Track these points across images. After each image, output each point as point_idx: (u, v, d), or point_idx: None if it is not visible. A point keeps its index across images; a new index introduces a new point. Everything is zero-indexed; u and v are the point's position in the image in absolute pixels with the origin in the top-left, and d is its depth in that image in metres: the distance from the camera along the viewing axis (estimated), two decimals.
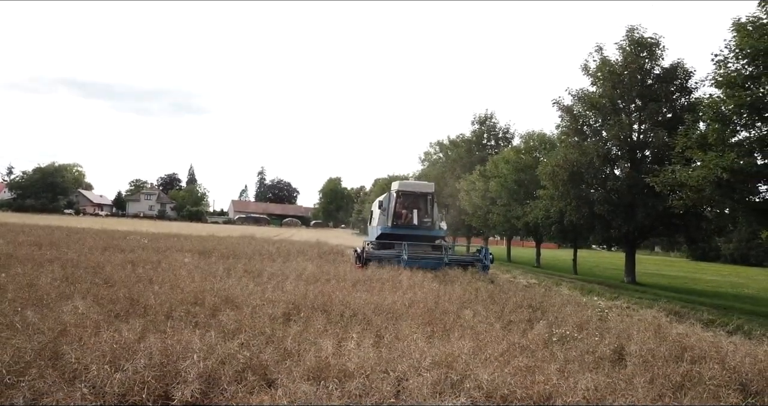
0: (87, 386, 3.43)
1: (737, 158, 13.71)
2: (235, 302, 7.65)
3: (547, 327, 7.07)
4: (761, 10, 14.66)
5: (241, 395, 3.59)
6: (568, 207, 22.92)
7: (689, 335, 6.88)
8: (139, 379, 3.55)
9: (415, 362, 4.50)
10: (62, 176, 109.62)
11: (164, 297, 7.52)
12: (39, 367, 3.77)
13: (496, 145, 42.89)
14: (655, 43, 22.64)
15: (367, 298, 8.57)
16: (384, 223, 18.19)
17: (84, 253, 14.15)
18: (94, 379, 3.56)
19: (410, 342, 5.35)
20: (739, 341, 6.85)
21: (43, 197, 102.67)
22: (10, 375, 3.65)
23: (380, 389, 3.75)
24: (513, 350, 5.42)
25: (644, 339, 6.26)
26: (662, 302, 15.06)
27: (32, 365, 3.83)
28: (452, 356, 4.82)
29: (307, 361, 4.30)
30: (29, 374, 3.60)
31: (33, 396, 3.46)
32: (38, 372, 3.60)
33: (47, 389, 3.41)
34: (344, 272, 12.77)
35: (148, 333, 4.90)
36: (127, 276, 9.95)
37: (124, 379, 3.54)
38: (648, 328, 7.45)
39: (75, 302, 6.54)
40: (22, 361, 3.93)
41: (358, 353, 4.66)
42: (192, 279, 9.60)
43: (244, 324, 6.02)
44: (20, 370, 3.74)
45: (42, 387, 3.43)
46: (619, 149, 22.23)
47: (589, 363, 5.23)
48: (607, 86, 22.27)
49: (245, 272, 11.56)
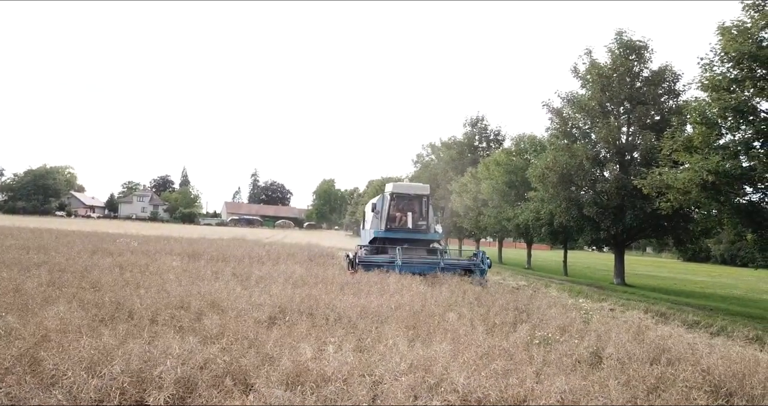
0: (63, 392, 3.45)
1: (722, 161, 13.85)
2: (220, 306, 7.67)
3: (529, 330, 7.14)
4: (745, 14, 14.83)
5: (216, 400, 3.62)
6: (558, 209, 23.07)
7: (667, 336, 6.96)
8: (115, 385, 3.57)
9: (393, 365, 4.55)
10: (54, 178, 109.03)
11: (150, 301, 7.54)
12: (17, 374, 3.79)
13: (487, 147, 43.06)
14: (644, 46, 22.86)
15: (353, 301, 8.61)
16: (377, 226, 17.63)
17: (72, 256, 14.11)
18: (70, 385, 3.58)
19: (391, 346, 5.40)
20: (718, 343, 6.93)
21: (34, 199, 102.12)
22: None
23: (356, 394, 3.79)
24: (493, 354, 5.48)
25: (623, 341, 6.35)
26: (649, 304, 15.22)
27: (11, 372, 3.85)
28: (431, 359, 4.88)
29: (284, 365, 4.35)
30: (6, 381, 3.62)
31: (10, 402, 3.48)
32: (16, 379, 3.62)
33: (24, 396, 3.43)
34: (333, 276, 12.80)
35: (130, 338, 4.93)
36: (114, 280, 9.95)
37: (100, 385, 3.56)
38: (629, 330, 7.54)
39: (59, 306, 6.55)
40: (1, 368, 3.95)
41: (338, 358, 4.71)
42: (179, 283, 9.61)
43: (228, 328, 6.05)
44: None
45: (18, 394, 3.45)
46: (608, 152, 22.39)
47: (567, 366, 5.30)
48: (596, 89, 22.44)
49: (233, 276, 11.58)
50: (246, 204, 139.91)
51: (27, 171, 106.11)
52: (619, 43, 22.72)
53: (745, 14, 14.81)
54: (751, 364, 5.56)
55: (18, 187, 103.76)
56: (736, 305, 18.20)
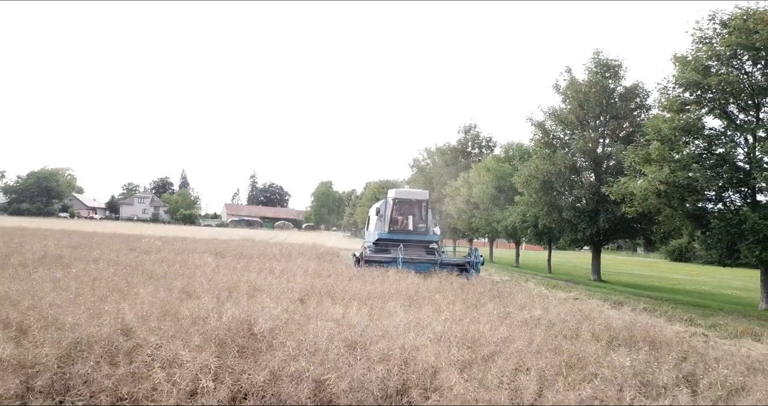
0: (199, 330, 5.75)
1: (671, 173, 16.28)
2: (261, 289, 10.02)
3: (496, 306, 9.51)
4: (694, 46, 17.29)
5: (292, 331, 5.98)
6: (541, 212, 25.49)
7: (599, 311, 9.37)
8: (235, 323, 5.90)
9: (394, 321, 6.90)
10: (56, 180, 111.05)
11: (207, 286, 9.87)
12: (159, 319, 6.10)
13: (479, 153, 45.52)
14: (618, 64, 25.33)
15: (362, 287, 10.97)
16: (381, 228, 19.36)
17: (117, 254, 16.43)
18: (204, 325, 5.91)
19: (392, 312, 7.76)
20: (630, 314, 9.33)
21: (38, 201, 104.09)
22: (143, 320, 5.93)
23: (373, 333, 6.11)
24: (464, 318, 7.84)
25: (561, 311, 8.72)
26: (610, 295, 17.65)
27: (161, 319, 6.17)
28: (420, 319, 7.24)
29: (327, 317, 6.69)
30: (162, 323, 5.92)
31: (159, 340, 5.73)
32: (157, 324, 5.88)
33: (173, 330, 5.69)
34: (341, 270, 15.17)
35: (224, 303, 7.34)
36: (165, 272, 12.24)
37: (225, 323, 5.86)
38: (571, 309, 9.95)
39: (146, 289, 8.86)
40: (152, 317, 6.25)
41: (357, 317, 7.05)
42: (221, 274, 11.96)
43: (276, 301, 8.41)
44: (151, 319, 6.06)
45: (169, 329, 5.71)
46: (585, 161, 24.85)
47: (514, 325, 7.65)
48: (574, 104, 24.89)
49: (260, 269, 13.92)
50: (245, 206, 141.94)
51: (30, 173, 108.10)
52: (596, 62, 25.18)
53: (693, 47, 17.30)
54: (628, 318, 7.95)
55: (22, 189, 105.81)
56: (694, 298, 20.60)
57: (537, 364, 5.46)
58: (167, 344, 4.94)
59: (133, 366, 4.43)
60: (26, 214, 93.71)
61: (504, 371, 5.05)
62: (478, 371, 5.09)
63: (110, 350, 4.90)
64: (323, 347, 5.28)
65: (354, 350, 5.45)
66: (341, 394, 4.24)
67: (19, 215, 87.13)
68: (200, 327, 5.80)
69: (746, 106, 17.12)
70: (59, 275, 10.25)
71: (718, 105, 17.08)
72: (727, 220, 16.06)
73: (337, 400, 4.18)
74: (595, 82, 24.59)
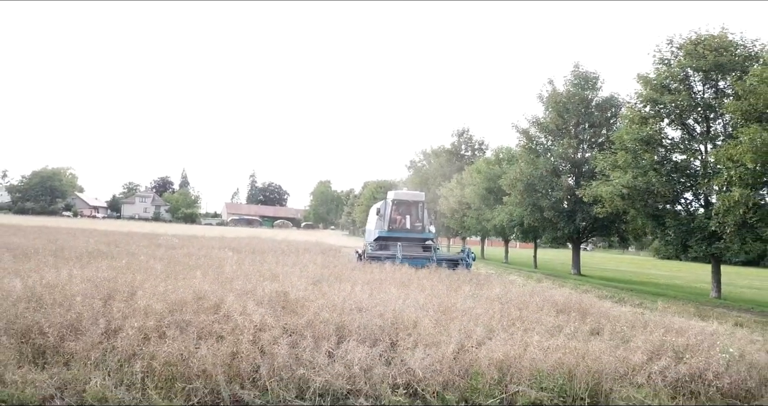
0: (253, 296, 8.06)
1: (633, 178, 18.66)
2: (280, 276, 12.34)
3: (471, 289, 11.87)
4: (655, 67, 19.69)
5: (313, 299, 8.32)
6: (525, 212, 27.88)
7: (548, 290, 11.76)
8: (275, 289, 8.26)
9: (389, 296, 9.25)
10: (60, 180, 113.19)
11: (238, 273, 12.20)
12: (196, 312, 8.44)
13: (472, 155, 47.95)
14: (596, 77, 27.77)
15: (363, 275, 13.30)
16: (381, 227, 21.18)
17: (147, 249, 18.74)
18: (255, 292, 8.24)
19: (387, 291, 10.11)
20: (575, 294, 11.75)
21: (42, 200, 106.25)
22: (210, 292, 8.23)
23: (373, 304, 8.43)
24: (443, 296, 10.19)
25: (520, 292, 11.11)
26: (581, 285, 20.03)
27: (221, 291, 8.53)
28: (408, 295, 9.60)
29: (338, 293, 9.05)
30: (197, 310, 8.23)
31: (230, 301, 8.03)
32: (221, 294, 8.19)
33: (234, 299, 8.02)
34: (345, 262, 17.55)
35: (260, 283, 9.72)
36: (197, 264, 14.54)
37: (269, 292, 8.22)
38: (531, 291, 12.34)
39: (194, 274, 11.17)
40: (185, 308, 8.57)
41: (361, 293, 9.39)
42: (246, 265, 14.31)
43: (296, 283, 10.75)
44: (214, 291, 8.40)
45: (225, 295, 8.03)
46: (564, 165, 27.26)
47: (481, 301, 9.99)
48: (554, 114, 27.28)
49: (276, 262, 16.26)
50: (245, 205, 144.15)
51: (34, 173, 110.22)
52: (575, 75, 27.59)
53: (654, 67, 19.70)
54: (576, 297, 10.37)
55: (26, 189, 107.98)
56: (660, 289, 22.99)
57: (489, 322, 7.83)
58: (236, 302, 7.30)
59: (219, 315, 6.77)
60: (30, 213, 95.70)
61: (463, 324, 7.41)
62: (445, 324, 7.45)
63: (197, 307, 7.24)
64: (339, 307, 7.64)
65: (360, 311, 7.80)
66: (354, 330, 6.58)
67: (24, 214, 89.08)
68: (251, 296, 8.17)
69: (701, 120, 19.52)
70: (116, 265, 12.55)
71: (676, 118, 19.50)
72: (679, 219, 18.48)
73: (350, 335, 6.52)
74: (574, 93, 27.00)
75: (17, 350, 5.60)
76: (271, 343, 5.88)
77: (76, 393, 5.00)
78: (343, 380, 5.48)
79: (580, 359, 6.15)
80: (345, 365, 5.61)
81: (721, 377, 6.15)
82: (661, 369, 6.17)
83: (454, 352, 6.10)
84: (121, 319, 6.31)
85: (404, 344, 6.29)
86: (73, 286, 7.92)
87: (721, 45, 17.75)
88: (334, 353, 5.92)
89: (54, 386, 5.02)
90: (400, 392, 5.53)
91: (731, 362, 6.43)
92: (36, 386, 4.93)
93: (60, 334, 5.92)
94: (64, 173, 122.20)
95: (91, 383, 5.04)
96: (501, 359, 5.99)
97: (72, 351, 5.62)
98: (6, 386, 4.91)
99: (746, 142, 14.23)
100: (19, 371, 5.10)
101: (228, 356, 5.58)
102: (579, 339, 6.99)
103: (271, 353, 5.66)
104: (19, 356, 5.50)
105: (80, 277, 8.99)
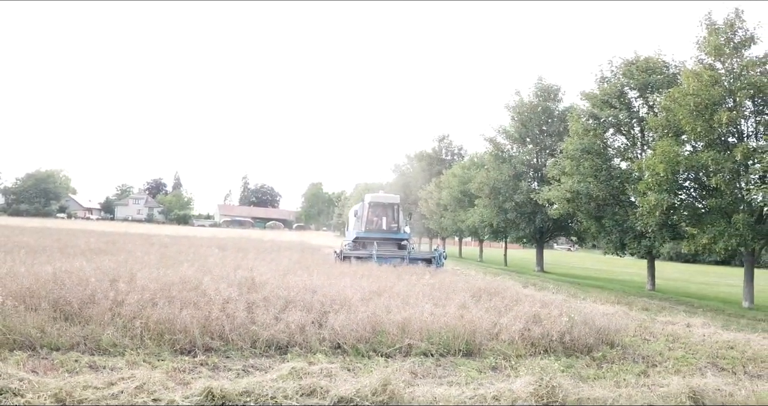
0: (224, 282, 10.28)
1: (575, 183, 21.01)
2: (256, 268, 14.56)
3: (417, 278, 14.13)
4: (597, 86, 22.07)
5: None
6: (492, 214, 30.24)
7: (476, 278, 14.11)
8: (245, 275, 10.49)
9: (365, 285, 11.48)
10: (54, 182, 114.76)
11: (221, 265, 14.41)
12: (180, 290, 10.63)
13: (451, 160, 50.31)
14: (558, 89, 30.19)
15: (329, 269, 15.57)
16: (359, 228, 22.63)
17: (142, 247, 20.93)
18: (230, 278, 10.48)
19: (342, 280, 12.37)
20: (500, 281, 14.12)
21: (36, 202, 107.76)
22: (192, 277, 10.47)
23: (353, 293, 10.62)
24: (387, 283, 12.45)
25: (456, 281, 13.43)
26: (533, 280, 22.35)
27: (202, 277, 10.73)
28: (357, 283, 11.91)
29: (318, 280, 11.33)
30: (181, 289, 10.44)
31: (207, 283, 10.26)
32: (201, 278, 10.38)
33: (210, 282, 10.24)
34: (318, 259, 19.80)
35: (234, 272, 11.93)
36: (186, 259, 16.73)
37: (239, 276, 10.48)
38: (474, 278, 14.63)
39: (182, 265, 13.37)
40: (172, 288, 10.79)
41: (318, 280, 11.64)
42: (228, 260, 16.53)
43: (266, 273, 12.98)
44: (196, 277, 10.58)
45: (219, 285, 10.24)
46: (527, 171, 29.64)
47: (416, 286, 12.25)
48: (519, 122, 29.66)
49: (255, 258, 18.47)
50: (238, 206, 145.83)
51: (28, 175, 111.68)
52: (538, 87, 29.98)
53: (596, 86, 22.08)
54: (497, 283, 12.76)
55: (20, 191, 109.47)
56: (603, 283, 25.33)
57: (407, 299, 10.12)
58: (212, 284, 9.55)
59: (198, 292, 9.02)
60: (25, 214, 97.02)
61: (384, 301, 9.69)
62: (372, 302, 9.71)
63: (181, 287, 9.48)
64: (292, 287, 9.92)
65: (313, 293, 10.05)
66: (298, 303, 8.86)
67: (18, 216, 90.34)
68: (224, 280, 10.43)
69: (637, 131, 21.90)
70: (117, 259, 14.75)
71: (616, 130, 21.88)
72: (616, 219, 20.85)
73: (295, 306, 8.78)
74: (537, 104, 29.41)
75: (52, 315, 7.81)
76: (234, 310, 8.14)
77: (94, 341, 7.21)
78: (284, 335, 7.74)
79: (462, 321, 8.44)
80: (286, 325, 7.87)
81: (563, 335, 8.46)
82: (520, 330, 8.48)
83: (369, 316, 8.36)
84: (125, 294, 8.52)
85: (333, 312, 8.56)
86: (85, 272, 10.13)
87: (649, 66, 20.14)
88: (280, 316, 8.19)
89: (79, 336, 7.23)
90: (325, 344, 7.80)
91: (574, 325, 8.72)
92: (69, 336, 7.15)
93: (80, 304, 8.13)
94: (58, 175, 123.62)
95: (104, 335, 7.26)
96: (401, 322, 8.27)
97: (90, 315, 7.83)
98: (47, 336, 7.13)
99: (659, 154, 16.60)
100: (56, 325, 7.33)
101: (202, 318, 7.81)
102: (468, 309, 9.29)
103: (234, 316, 7.92)
104: (54, 317, 7.71)
105: (89, 267, 11.20)
